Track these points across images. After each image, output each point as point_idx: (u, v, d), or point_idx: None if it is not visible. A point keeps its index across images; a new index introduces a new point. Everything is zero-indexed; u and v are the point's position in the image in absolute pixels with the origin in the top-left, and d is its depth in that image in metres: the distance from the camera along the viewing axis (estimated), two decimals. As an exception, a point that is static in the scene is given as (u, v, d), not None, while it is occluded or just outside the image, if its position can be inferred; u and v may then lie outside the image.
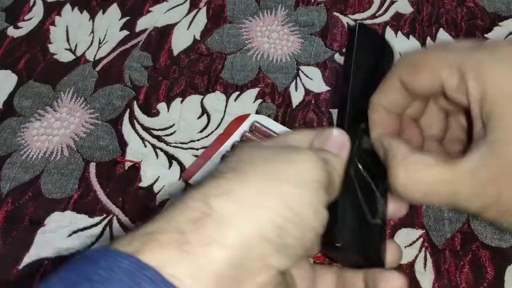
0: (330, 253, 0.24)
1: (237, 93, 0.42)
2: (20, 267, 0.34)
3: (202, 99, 0.42)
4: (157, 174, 0.38)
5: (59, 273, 0.17)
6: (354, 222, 0.23)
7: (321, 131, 0.24)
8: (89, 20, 0.48)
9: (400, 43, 0.45)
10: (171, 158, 0.39)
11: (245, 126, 0.39)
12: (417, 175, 0.21)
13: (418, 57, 0.24)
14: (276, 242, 0.19)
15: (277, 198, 0.19)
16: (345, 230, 0.23)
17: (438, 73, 0.22)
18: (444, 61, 0.22)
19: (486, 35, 0.45)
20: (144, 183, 0.37)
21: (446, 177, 0.21)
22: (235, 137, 0.39)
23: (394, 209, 0.25)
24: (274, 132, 0.39)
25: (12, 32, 0.47)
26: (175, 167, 0.38)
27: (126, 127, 0.41)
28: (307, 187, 0.20)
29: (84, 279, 0.17)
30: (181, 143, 0.39)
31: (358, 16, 0.47)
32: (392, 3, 0.48)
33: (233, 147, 0.38)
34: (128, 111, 0.42)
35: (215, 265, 0.18)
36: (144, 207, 0.36)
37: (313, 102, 0.41)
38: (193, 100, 0.42)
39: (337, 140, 0.24)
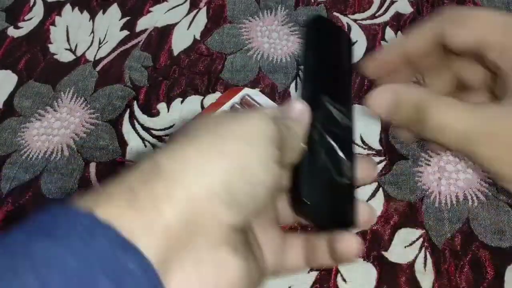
0: (299, 212, 0.24)
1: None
2: (20, 267, 0.34)
3: (202, 100, 0.42)
4: (157, 174, 0.38)
5: (21, 225, 0.18)
6: (321, 181, 0.24)
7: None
8: (89, 20, 0.48)
9: (400, 43, 0.45)
10: (171, 158, 0.39)
11: (236, 98, 0.40)
12: (459, 114, 0.22)
13: (464, 13, 0.24)
14: (226, 198, 0.19)
15: (225, 154, 0.20)
16: (312, 187, 0.24)
17: (482, 33, 0.23)
18: (491, 22, 0.23)
19: (486, 35, 0.45)
20: (144, 183, 0.37)
21: (484, 117, 0.21)
22: (225, 107, 0.40)
23: (363, 170, 0.26)
24: (263, 107, 0.40)
25: (12, 32, 0.48)
26: (175, 167, 0.38)
27: (126, 127, 0.41)
28: (256, 143, 0.21)
29: (43, 233, 0.17)
30: (181, 143, 0.39)
31: (358, 16, 0.47)
32: (392, 3, 0.48)
33: None
34: (128, 111, 0.42)
35: (165, 220, 0.18)
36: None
37: (313, 102, 0.41)
38: (193, 100, 0.42)
39: (297, 108, 0.25)
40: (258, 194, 0.21)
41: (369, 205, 0.25)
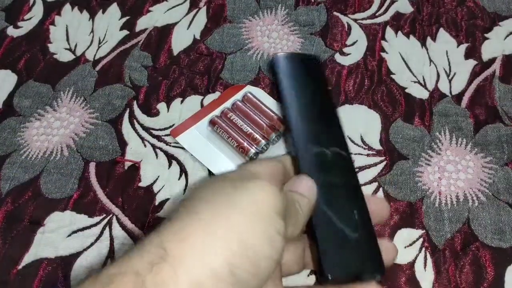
0: (327, 283, 0.24)
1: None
2: (20, 267, 0.34)
3: (202, 99, 0.42)
4: (156, 174, 0.38)
5: None
6: (339, 247, 0.24)
7: (281, 164, 0.25)
8: (89, 20, 0.48)
9: (400, 43, 0.45)
10: (170, 158, 0.39)
11: (238, 96, 0.41)
12: None
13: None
14: (230, 279, 0.19)
15: (229, 233, 0.20)
16: (332, 260, 0.24)
17: None
18: None
19: (486, 35, 0.45)
20: (144, 183, 0.37)
21: None
22: (227, 104, 0.40)
23: (377, 211, 0.26)
24: (264, 104, 0.40)
25: (12, 31, 0.47)
26: (175, 167, 0.38)
27: (126, 127, 0.40)
28: (262, 216, 0.21)
29: None
30: (181, 143, 0.39)
31: (358, 15, 0.47)
32: (392, 2, 0.48)
33: (222, 113, 0.39)
34: (128, 111, 0.41)
35: None
36: (143, 207, 0.36)
37: (313, 102, 0.41)
38: (193, 100, 0.42)
39: (305, 184, 0.25)
40: (262, 270, 0.21)
41: (391, 243, 0.25)
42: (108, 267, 0.20)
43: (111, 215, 0.36)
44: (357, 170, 0.36)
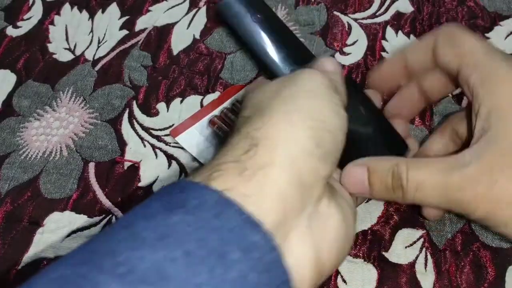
0: None
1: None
2: (19, 267, 0.34)
3: (202, 99, 0.42)
4: (156, 174, 0.38)
5: (156, 197, 0.20)
6: (354, 147, 0.27)
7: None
8: (88, 20, 0.48)
9: (401, 42, 0.45)
10: (170, 158, 0.38)
11: (238, 96, 0.41)
12: (433, 168, 0.25)
13: (453, 35, 0.27)
14: (318, 153, 0.22)
15: (302, 114, 0.22)
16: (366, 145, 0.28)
17: (463, 54, 0.26)
18: (473, 47, 0.26)
19: (486, 35, 0.45)
20: (144, 183, 0.37)
21: (449, 180, 0.24)
22: (227, 104, 0.40)
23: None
24: None
25: (11, 31, 0.47)
26: (175, 167, 0.38)
27: (125, 127, 0.40)
28: (322, 94, 0.23)
29: (179, 206, 0.19)
30: (180, 143, 0.39)
31: (358, 15, 0.47)
32: (392, 2, 0.48)
33: (222, 112, 0.39)
34: (127, 110, 0.41)
35: (276, 185, 0.20)
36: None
37: (313, 101, 0.41)
38: (193, 100, 0.42)
39: (329, 62, 0.27)
40: (338, 139, 0.23)
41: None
42: (206, 164, 0.21)
43: (110, 215, 0.36)
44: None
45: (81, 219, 0.36)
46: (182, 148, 0.39)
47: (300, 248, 0.20)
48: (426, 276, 0.32)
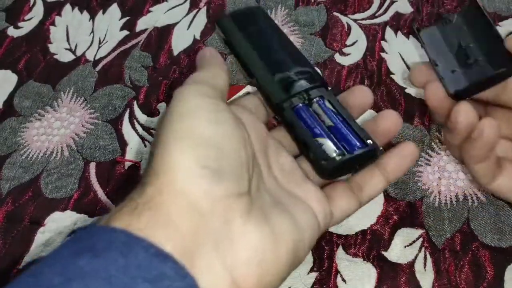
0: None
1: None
2: (20, 266, 0.34)
3: (202, 99, 0.42)
4: (157, 174, 0.38)
5: (64, 243, 0.20)
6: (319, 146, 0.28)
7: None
8: (89, 20, 0.48)
9: (400, 43, 0.45)
10: (171, 158, 0.39)
11: (238, 96, 0.40)
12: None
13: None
14: (207, 174, 0.21)
15: (181, 138, 0.22)
16: (324, 160, 0.27)
17: None
18: None
19: (486, 35, 0.45)
20: (144, 183, 0.37)
21: None
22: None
23: (360, 100, 0.31)
24: None
25: (12, 32, 0.48)
26: (175, 167, 0.38)
27: (126, 127, 0.41)
28: (195, 111, 0.23)
29: (86, 249, 0.18)
30: (181, 143, 0.39)
31: (358, 16, 0.47)
32: (392, 3, 0.48)
33: None
34: (128, 111, 0.42)
35: (167, 216, 0.20)
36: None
37: (313, 102, 0.41)
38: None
39: (208, 53, 0.29)
40: (230, 150, 0.22)
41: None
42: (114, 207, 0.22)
43: (111, 215, 0.36)
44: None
45: (82, 219, 0.36)
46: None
47: (211, 272, 0.20)
48: (425, 276, 0.32)
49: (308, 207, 0.25)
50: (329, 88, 0.31)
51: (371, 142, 0.29)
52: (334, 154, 0.27)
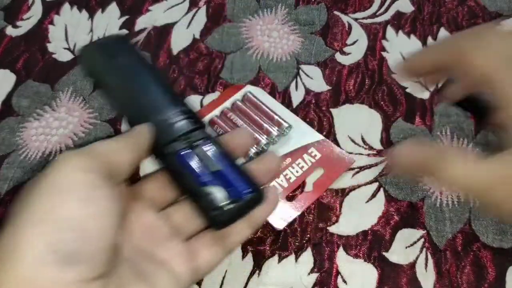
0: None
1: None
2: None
3: (202, 99, 0.42)
4: (156, 174, 0.38)
5: None
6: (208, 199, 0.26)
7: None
8: (88, 19, 0.48)
9: (401, 42, 0.44)
10: (170, 158, 0.38)
11: (238, 96, 0.40)
12: (468, 172, 0.23)
13: (477, 43, 0.25)
14: (57, 259, 0.20)
15: (39, 218, 0.20)
16: (213, 210, 0.26)
17: (488, 68, 0.24)
18: (497, 58, 0.24)
19: (487, 34, 0.45)
20: (143, 183, 0.37)
21: (484, 173, 0.22)
22: (227, 104, 0.40)
23: (239, 142, 0.30)
24: (264, 104, 0.39)
25: (10, 31, 0.47)
26: (175, 167, 0.38)
27: (124, 127, 0.40)
28: (65, 187, 0.21)
29: None
30: (180, 143, 0.39)
31: (358, 15, 0.47)
32: (393, 2, 0.48)
33: (222, 113, 0.39)
34: (127, 110, 0.41)
35: None
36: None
37: (313, 102, 0.41)
38: (193, 99, 0.42)
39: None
40: (90, 231, 0.21)
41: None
42: None
43: (110, 216, 0.36)
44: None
45: (81, 219, 0.36)
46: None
47: None
48: (427, 276, 0.32)
49: (169, 271, 0.25)
50: (207, 129, 0.29)
51: (257, 185, 0.27)
52: (223, 203, 0.26)
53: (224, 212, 0.26)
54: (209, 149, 0.27)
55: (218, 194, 0.26)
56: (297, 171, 0.36)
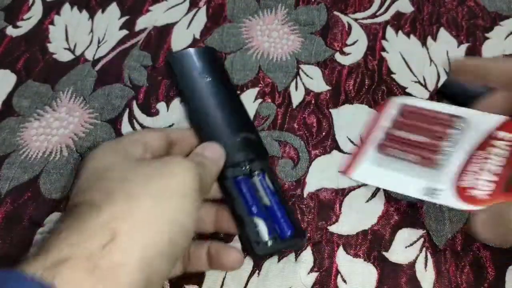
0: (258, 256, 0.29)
1: (237, 92, 0.42)
2: (19, 267, 0.34)
3: (202, 99, 0.42)
4: (156, 174, 0.38)
5: None
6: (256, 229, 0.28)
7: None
8: (88, 19, 0.48)
9: (401, 42, 0.45)
10: (170, 158, 0.38)
11: (391, 112, 0.34)
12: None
13: None
14: (169, 254, 0.23)
15: (165, 215, 0.23)
16: (256, 242, 0.28)
17: None
18: None
19: (486, 35, 0.45)
20: (144, 183, 0.37)
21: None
22: (384, 123, 0.34)
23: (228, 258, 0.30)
24: (425, 109, 0.33)
25: (11, 31, 0.47)
26: (175, 167, 0.38)
27: (125, 127, 0.40)
28: (185, 195, 0.24)
29: None
30: (180, 143, 0.39)
31: (358, 15, 0.47)
32: (392, 2, 0.48)
33: (387, 134, 0.33)
34: (127, 110, 0.41)
35: (124, 287, 0.20)
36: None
37: (313, 102, 0.41)
38: (193, 99, 0.42)
39: (216, 150, 0.29)
40: (188, 239, 0.25)
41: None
42: (56, 245, 0.21)
43: (110, 216, 0.36)
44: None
45: (81, 219, 0.36)
46: (182, 148, 0.39)
47: None
48: (426, 276, 0.32)
49: None
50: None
51: (301, 230, 0.30)
52: (267, 239, 0.28)
53: (266, 248, 0.28)
54: (265, 181, 0.30)
55: (264, 228, 0.28)
56: (497, 162, 0.30)
